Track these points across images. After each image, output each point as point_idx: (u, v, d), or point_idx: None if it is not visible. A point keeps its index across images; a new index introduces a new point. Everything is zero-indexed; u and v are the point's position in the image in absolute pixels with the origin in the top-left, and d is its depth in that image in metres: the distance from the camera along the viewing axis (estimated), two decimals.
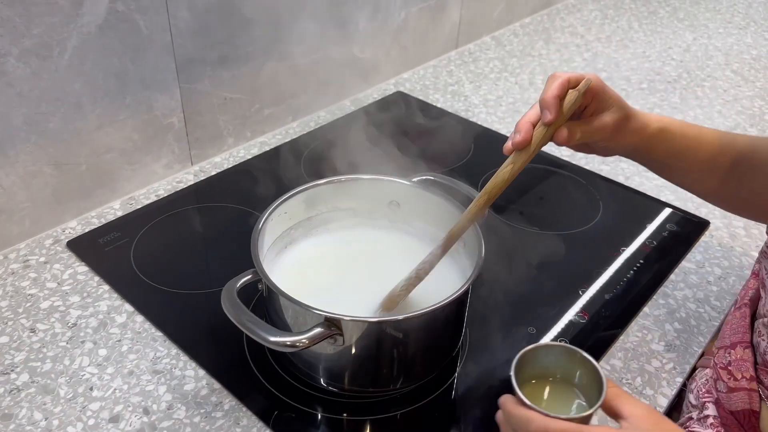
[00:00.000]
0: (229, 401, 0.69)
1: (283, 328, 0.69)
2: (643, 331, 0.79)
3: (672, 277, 0.87)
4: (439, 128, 1.17)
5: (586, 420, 0.51)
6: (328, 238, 0.81)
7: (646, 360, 0.76)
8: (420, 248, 0.77)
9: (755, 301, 0.75)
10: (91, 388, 0.70)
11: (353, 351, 0.64)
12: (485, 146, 1.13)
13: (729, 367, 0.75)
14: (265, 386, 0.70)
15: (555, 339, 0.76)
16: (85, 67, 0.84)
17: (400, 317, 0.62)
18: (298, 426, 0.67)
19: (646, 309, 0.82)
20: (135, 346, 0.75)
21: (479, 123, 1.20)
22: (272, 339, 0.60)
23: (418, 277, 0.69)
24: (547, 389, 0.57)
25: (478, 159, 1.09)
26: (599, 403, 0.50)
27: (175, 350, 0.74)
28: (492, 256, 0.71)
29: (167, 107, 0.96)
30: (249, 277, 0.67)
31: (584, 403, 0.54)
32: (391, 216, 0.82)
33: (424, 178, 0.81)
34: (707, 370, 0.78)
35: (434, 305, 0.62)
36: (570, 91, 0.62)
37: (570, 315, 0.79)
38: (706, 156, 0.73)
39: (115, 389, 0.70)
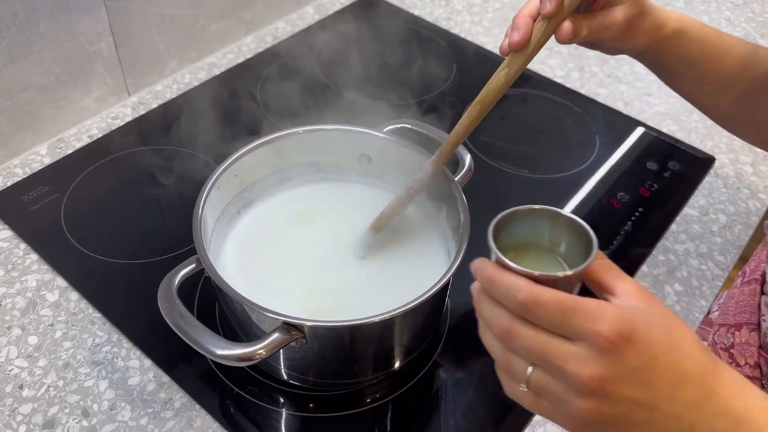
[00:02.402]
0: (180, 397, 0.61)
1: (237, 325, 0.60)
2: None
3: (673, 227, 0.79)
4: (416, 43, 1.02)
5: (575, 279, 0.41)
6: (289, 199, 0.71)
7: None
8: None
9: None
10: (21, 386, 0.61)
11: (318, 351, 0.56)
12: (469, 66, 0.99)
13: (731, 350, 0.69)
14: (221, 379, 0.62)
15: None
16: None
17: (369, 321, 0.53)
18: (260, 425, 0.60)
19: (644, 268, 0.74)
20: (70, 332, 0.66)
21: (462, 36, 1.05)
22: (220, 353, 0.51)
23: (408, 196, 0.63)
24: (529, 259, 0.45)
25: (461, 82, 0.96)
26: (590, 258, 0.40)
27: (116, 335, 0.65)
28: (474, 208, 0.62)
29: (92, 31, 0.81)
30: (192, 266, 0.56)
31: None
32: (361, 171, 0.71)
33: (397, 126, 0.69)
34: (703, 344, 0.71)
35: (406, 306, 0.53)
36: None
37: None
38: (725, 69, 0.63)
39: (48, 386, 0.62)
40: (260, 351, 0.51)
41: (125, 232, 0.74)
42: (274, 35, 1.03)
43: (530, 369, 0.38)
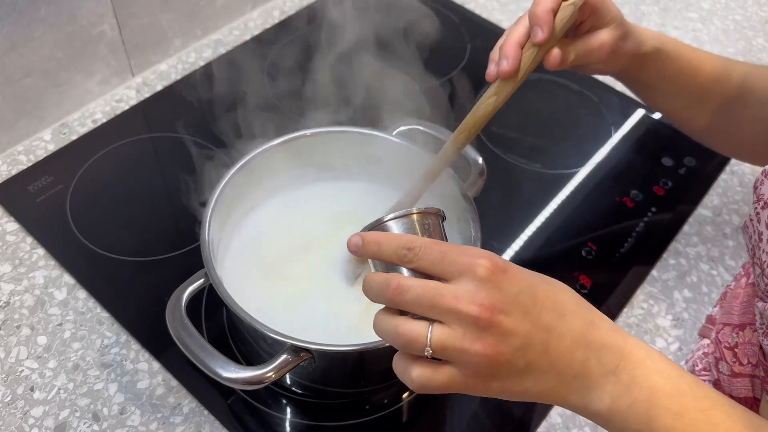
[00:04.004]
0: (188, 402, 0.62)
1: (242, 342, 0.60)
2: (650, 301, 0.71)
3: (686, 228, 0.78)
4: (427, 21, 0.99)
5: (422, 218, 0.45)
6: (298, 200, 0.70)
7: (651, 339, 0.69)
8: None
9: None
10: (32, 388, 0.62)
11: (326, 369, 0.56)
12: (484, 47, 0.96)
13: (735, 350, 0.69)
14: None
15: None
16: None
17: (380, 344, 0.53)
18: None
19: (654, 272, 0.74)
20: (79, 332, 0.66)
21: (476, 12, 1.02)
22: (227, 375, 0.51)
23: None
24: None
25: (475, 65, 0.93)
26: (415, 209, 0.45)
27: (124, 336, 0.66)
28: (484, 207, 0.62)
29: (94, 14, 0.78)
30: (201, 281, 0.56)
31: None
32: (370, 173, 0.70)
33: (408, 128, 0.68)
34: (705, 342, 0.71)
35: None
36: (564, 4, 0.51)
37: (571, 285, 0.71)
38: (699, 83, 0.65)
39: (59, 389, 0.62)
40: (269, 374, 0.51)
41: (132, 225, 0.74)
42: (282, 9, 0.99)
43: (430, 328, 0.40)
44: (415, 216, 0.44)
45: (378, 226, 0.45)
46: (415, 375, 0.40)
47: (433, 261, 0.41)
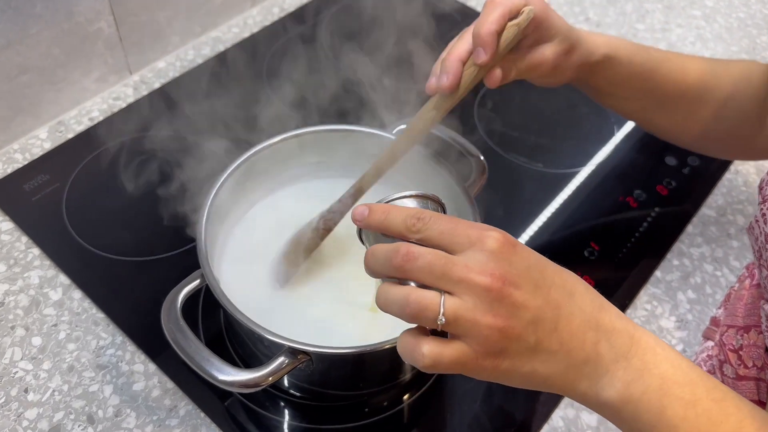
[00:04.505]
0: (185, 405, 0.61)
1: (240, 345, 0.59)
2: (653, 302, 0.70)
3: (689, 228, 0.77)
4: (429, 18, 0.98)
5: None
6: (297, 199, 0.69)
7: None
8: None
9: None
10: (26, 390, 0.61)
11: (325, 371, 0.55)
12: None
13: (740, 352, 0.68)
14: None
15: None
16: None
17: (378, 348, 0.52)
18: None
19: (658, 273, 0.73)
20: (74, 332, 0.65)
21: (478, 10, 1.01)
22: (223, 378, 0.50)
23: (326, 228, 0.61)
24: None
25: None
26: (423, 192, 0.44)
27: (120, 337, 0.65)
28: (485, 206, 0.61)
29: (92, 10, 0.77)
30: (196, 282, 0.55)
31: None
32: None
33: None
34: (710, 344, 0.70)
35: None
36: (509, 24, 0.51)
37: None
38: (654, 87, 0.64)
39: (54, 391, 0.61)
40: (266, 377, 0.50)
41: (128, 225, 0.73)
42: (281, 6, 0.98)
43: (443, 298, 0.38)
44: (420, 197, 0.44)
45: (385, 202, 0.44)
46: (426, 350, 0.38)
47: (442, 231, 0.40)
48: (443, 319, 0.38)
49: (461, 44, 0.52)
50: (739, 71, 0.66)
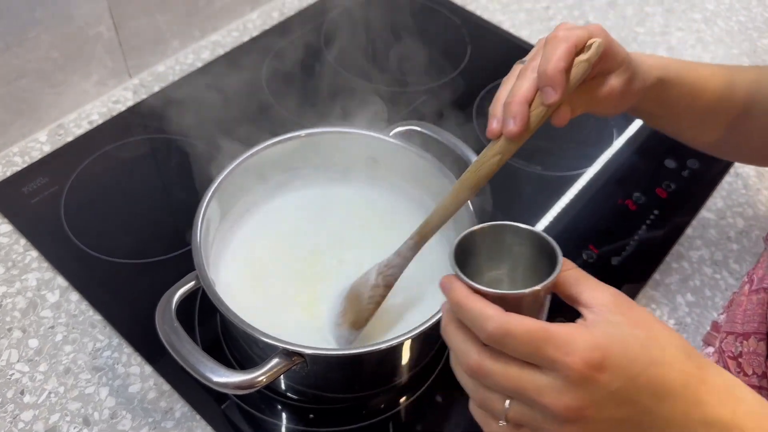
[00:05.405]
0: (180, 407, 0.61)
1: (236, 348, 0.59)
2: (652, 305, 0.70)
3: (689, 231, 0.76)
4: (427, 21, 0.98)
5: (544, 292, 0.40)
6: (294, 202, 0.69)
7: None
8: (406, 210, 0.67)
9: None
10: (23, 392, 0.61)
11: (319, 373, 0.55)
12: (485, 47, 0.95)
13: (739, 359, 0.67)
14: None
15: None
16: None
17: (373, 349, 0.52)
18: None
19: (656, 276, 0.72)
20: (71, 335, 0.65)
21: (477, 13, 1.01)
22: (217, 380, 0.50)
23: (387, 285, 0.56)
24: (494, 275, 0.45)
25: (476, 65, 0.92)
26: (555, 272, 0.39)
27: (117, 339, 0.65)
28: (484, 209, 0.60)
29: (91, 14, 0.78)
30: (191, 284, 0.55)
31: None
32: (368, 174, 0.69)
33: (405, 129, 0.66)
34: (710, 350, 0.70)
35: (411, 333, 0.51)
36: (577, 60, 0.47)
37: None
38: (702, 105, 0.61)
39: (50, 393, 0.61)
40: (260, 378, 0.50)
41: (126, 228, 0.73)
42: (281, 11, 0.99)
43: (507, 403, 0.38)
44: (525, 293, 0.39)
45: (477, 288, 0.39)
46: (486, 428, 0.40)
47: (523, 353, 0.37)
48: (504, 424, 0.38)
49: (524, 84, 0.47)
50: None
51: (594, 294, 0.39)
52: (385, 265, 0.56)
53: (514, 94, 0.47)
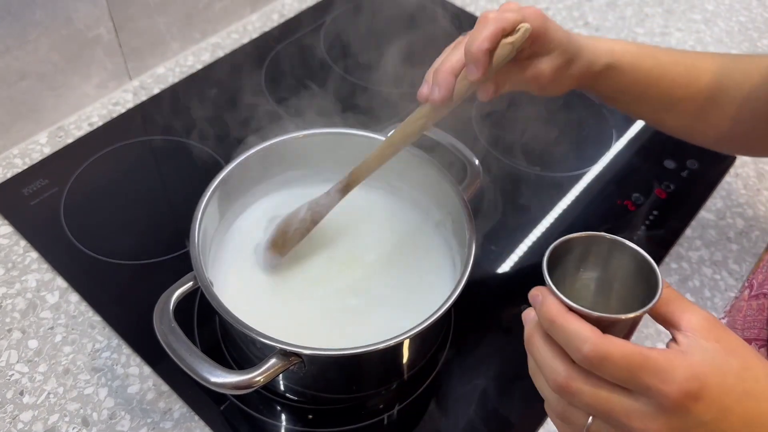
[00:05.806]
0: (179, 408, 0.61)
1: (234, 348, 0.59)
2: None
3: (688, 232, 0.76)
4: (427, 22, 0.98)
5: (640, 318, 0.39)
6: (291, 202, 0.69)
7: (652, 344, 0.67)
8: (405, 210, 0.69)
9: None
10: (22, 392, 0.61)
11: (318, 373, 0.55)
12: None
13: None
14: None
15: None
16: None
17: (372, 348, 0.52)
18: None
19: None
20: (70, 336, 0.65)
21: (477, 14, 1.01)
22: (215, 380, 0.50)
23: (313, 220, 0.62)
24: (582, 287, 0.43)
25: None
26: (657, 298, 0.38)
27: (116, 340, 0.65)
28: (483, 210, 0.61)
29: (91, 17, 0.78)
30: (189, 284, 0.55)
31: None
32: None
33: None
34: None
35: (410, 332, 0.51)
36: (503, 42, 0.49)
37: None
38: (660, 91, 0.62)
39: (49, 393, 0.61)
40: (257, 378, 0.50)
41: (125, 229, 0.73)
42: (281, 12, 0.99)
43: (590, 419, 0.37)
44: (621, 318, 0.37)
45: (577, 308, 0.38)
46: None
47: (618, 378, 0.36)
48: None
49: (454, 56, 0.50)
50: (759, 71, 0.62)
51: (687, 316, 0.38)
52: (315, 203, 0.61)
53: (443, 64, 0.51)
